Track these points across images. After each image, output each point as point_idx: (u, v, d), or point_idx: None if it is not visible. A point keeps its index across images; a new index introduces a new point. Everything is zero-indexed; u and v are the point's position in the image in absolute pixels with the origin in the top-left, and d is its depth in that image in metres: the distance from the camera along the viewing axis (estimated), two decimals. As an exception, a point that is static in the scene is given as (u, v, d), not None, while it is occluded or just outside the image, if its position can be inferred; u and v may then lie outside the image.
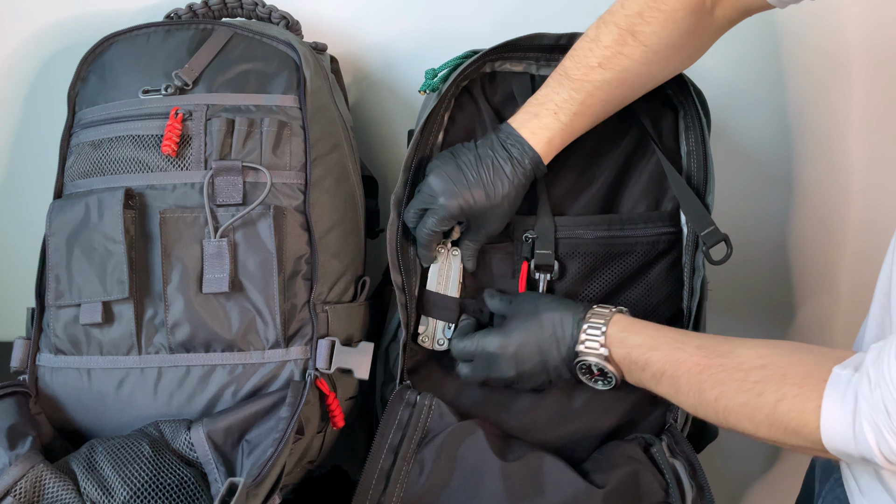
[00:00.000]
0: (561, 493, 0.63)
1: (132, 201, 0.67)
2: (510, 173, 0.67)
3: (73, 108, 0.74)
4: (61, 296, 0.67)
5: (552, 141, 0.67)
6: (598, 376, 0.66)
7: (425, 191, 0.68)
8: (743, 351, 0.57)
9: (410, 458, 0.65)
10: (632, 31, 0.64)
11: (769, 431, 0.53)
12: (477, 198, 0.67)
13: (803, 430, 0.51)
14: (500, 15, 0.88)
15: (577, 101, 0.66)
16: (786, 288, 0.99)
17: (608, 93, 0.67)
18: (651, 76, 0.68)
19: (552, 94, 0.67)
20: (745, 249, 0.96)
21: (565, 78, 0.67)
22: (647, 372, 0.62)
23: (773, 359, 0.55)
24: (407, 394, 0.68)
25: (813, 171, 0.94)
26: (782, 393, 0.52)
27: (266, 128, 0.69)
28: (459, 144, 0.70)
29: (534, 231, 0.72)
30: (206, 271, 0.66)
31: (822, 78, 0.90)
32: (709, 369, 0.57)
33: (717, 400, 0.56)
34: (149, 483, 0.59)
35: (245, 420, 0.63)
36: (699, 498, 0.63)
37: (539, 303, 0.68)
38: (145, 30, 0.73)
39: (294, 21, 0.82)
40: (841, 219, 0.95)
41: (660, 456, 0.66)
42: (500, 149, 0.67)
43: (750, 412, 0.54)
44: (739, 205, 0.92)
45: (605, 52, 0.65)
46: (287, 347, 0.67)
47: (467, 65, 0.72)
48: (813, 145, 0.93)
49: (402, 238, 0.70)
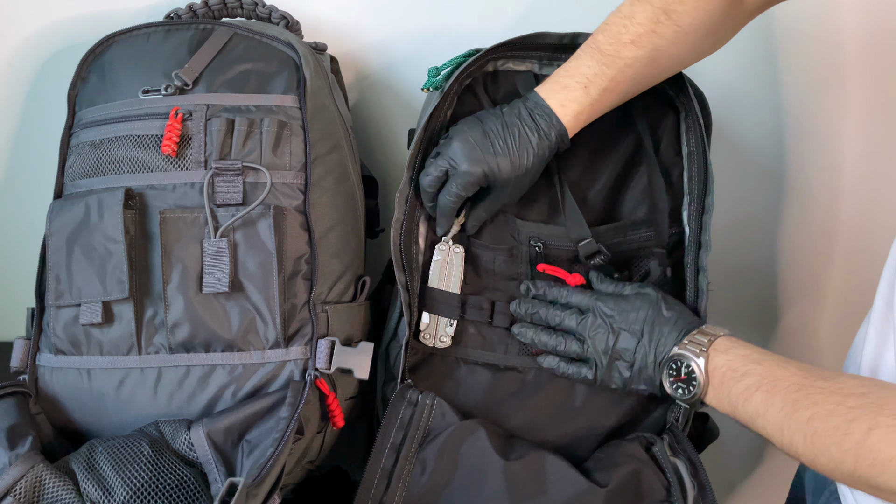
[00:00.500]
0: (563, 491, 0.63)
1: (132, 201, 0.67)
2: (536, 144, 0.66)
3: (73, 108, 0.74)
4: (61, 296, 0.67)
5: (580, 115, 0.67)
6: (682, 381, 0.64)
7: (449, 154, 0.67)
8: (845, 379, 0.55)
9: (412, 457, 0.65)
10: (666, 10, 0.64)
11: (855, 463, 0.51)
12: (502, 167, 0.66)
13: (891, 465, 0.49)
14: (502, 15, 0.88)
15: (608, 77, 0.66)
16: (774, 291, 0.99)
17: (638, 71, 0.66)
18: (680, 58, 0.68)
19: (583, 66, 0.66)
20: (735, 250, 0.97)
21: (597, 52, 0.66)
22: (741, 383, 0.60)
23: (875, 389, 0.53)
24: (409, 393, 0.68)
25: (807, 174, 0.94)
26: (876, 422, 0.50)
27: (266, 128, 0.69)
28: (485, 110, 0.70)
29: (539, 239, 0.72)
30: (206, 271, 0.66)
31: (818, 80, 0.90)
32: (806, 388, 0.55)
33: (810, 421, 0.54)
34: (149, 483, 0.59)
35: (245, 420, 0.63)
36: (701, 497, 0.63)
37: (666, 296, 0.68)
38: (145, 30, 0.73)
39: (294, 21, 0.82)
40: (833, 223, 0.95)
41: (661, 455, 0.66)
42: (528, 118, 0.67)
43: (840, 438, 0.51)
44: (732, 206, 0.92)
45: (638, 28, 0.65)
46: (287, 347, 0.67)
47: (470, 62, 0.72)
48: (808, 148, 0.93)
49: (406, 236, 0.70)
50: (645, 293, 0.68)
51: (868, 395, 0.52)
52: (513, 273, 0.73)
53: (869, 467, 0.50)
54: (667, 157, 0.75)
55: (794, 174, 0.94)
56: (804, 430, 0.54)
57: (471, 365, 0.72)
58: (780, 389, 0.57)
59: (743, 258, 0.97)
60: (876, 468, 0.49)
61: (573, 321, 0.69)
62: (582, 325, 0.68)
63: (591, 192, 0.75)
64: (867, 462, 0.50)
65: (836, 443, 0.52)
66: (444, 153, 0.68)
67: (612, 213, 0.75)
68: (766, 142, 0.93)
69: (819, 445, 0.53)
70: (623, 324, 0.67)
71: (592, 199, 0.75)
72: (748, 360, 0.61)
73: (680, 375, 0.64)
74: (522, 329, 0.71)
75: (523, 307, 0.71)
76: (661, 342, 0.65)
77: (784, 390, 0.57)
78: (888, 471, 0.49)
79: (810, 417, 0.54)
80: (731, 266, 0.97)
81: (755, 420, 0.59)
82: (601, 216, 0.75)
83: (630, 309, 0.67)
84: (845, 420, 0.52)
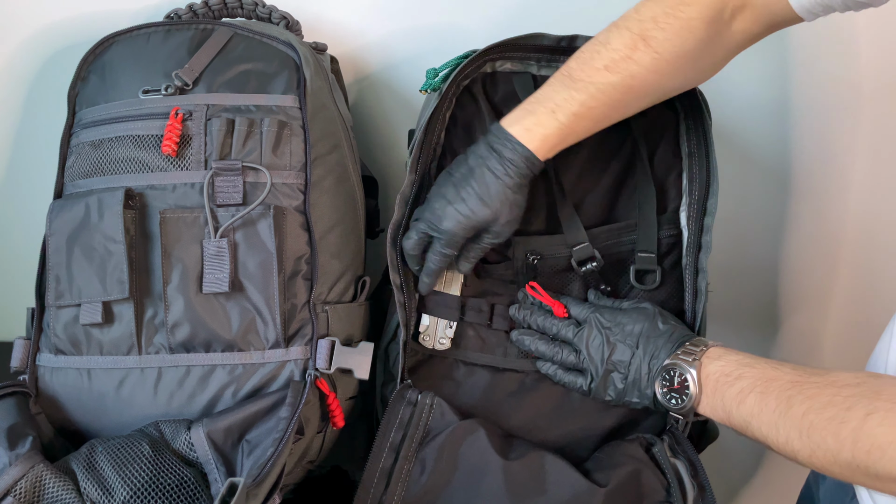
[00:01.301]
0: (563, 492, 0.63)
1: (132, 201, 0.67)
2: (502, 174, 0.65)
3: (73, 108, 0.74)
4: (61, 296, 0.67)
5: (547, 139, 0.65)
6: (675, 390, 0.64)
7: (426, 216, 0.67)
8: (839, 373, 0.55)
9: (412, 457, 0.65)
10: (644, 37, 0.63)
11: (852, 451, 0.50)
12: (476, 211, 0.65)
13: (890, 448, 0.48)
14: (502, 16, 0.88)
15: (578, 102, 0.64)
16: (779, 296, 0.99)
17: (612, 97, 0.65)
18: (660, 86, 0.66)
19: (552, 92, 0.65)
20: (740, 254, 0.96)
21: (567, 78, 0.65)
22: (734, 387, 0.60)
23: (871, 379, 0.52)
24: (408, 393, 0.68)
25: (814, 178, 0.93)
26: (874, 407, 0.49)
27: (266, 128, 0.69)
28: (457, 158, 0.69)
29: (536, 252, 0.72)
30: (206, 271, 0.66)
31: (827, 83, 0.89)
32: (800, 385, 0.55)
33: (805, 415, 0.53)
34: (149, 483, 0.59)
35: (245, 420, 0.63)
36: (700, 497, 0.63)
37: (662, 311, 0.69)
38: (145, 30, 0.73)
39: (294, 21, 0.82)
40: (840, 228, 0.95)
41: (661, 455, 0.66)
42: (489, 153, 0.66)
43: (836, 427, 0.51)
44: (738, 209, 0.92)
45: (613, 55, 0.63)
46: (287, 347, 0.67)
47: (467, 63, 0.72)
48: (814, 152, 0.92)
49: (402, 238, 0.70)
50: (643, 308, 0.69)
51: (864, 384, 0.52)
52: (513, 277, 0.73)
53: (867, 453, 0.49)
54: (665, 159, 0.75)
55: (802, 178, 0.94)
56: (800, 425, 0.54)
57: (470, 366, 0.72)
58: (773, 389, 0.57)
59: (748, 262, 0.97)
60: (874, 454, 0.49)
61: (570, 332, 0.69)
62: (579, 337, 0.69)
63: (589, 195, 0.75)
64: (865, 448, 0.49)
65: (833, 432, 0.51)
66: (422, 217, 0.68)
67: (609, 216, 0.75)
68: (774, 144, 0.93)
69: (815, 439, 0.53)
70: (619, 336, 0.67)
71: (590, 201, 0.75)
72: (741, 364, 0.61)
73: (673, 385, 0.64)
74: (521, 336, 0.71)
75: (522, 313, 0.72)
76: (655, 354, 0.65)
77: (778, 389, 0.57)
78: (887, 455, 0.48)
79: (805, 412, 0.54)
80: (736, 270, 0.96)
81: (750, 423, 0.59)
82: (598, 219, 0.75)
83: (627, 322, 0.67)
84: (841, 409, 0.51)
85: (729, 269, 0.94)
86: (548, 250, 0.73)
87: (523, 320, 0.72)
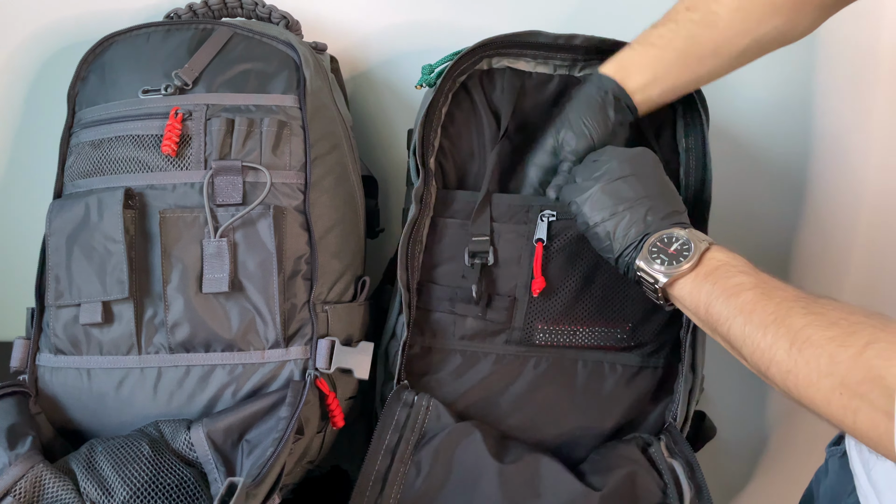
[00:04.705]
0: (558, 496, 0.63)
1: (132, 201, 0.67)
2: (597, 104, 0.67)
3: (73, 108, 0.74)
4: (61, 296, 0.67)
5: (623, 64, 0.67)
6: (667, 253, 0.60)
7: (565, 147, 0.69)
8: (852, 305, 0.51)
9: (407, 459, 0.65)
10: None
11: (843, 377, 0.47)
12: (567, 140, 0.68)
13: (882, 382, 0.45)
14: (502, 16, 0.88)
15: (656, 34, 0.67)
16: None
17: (692, 32, 0.66)
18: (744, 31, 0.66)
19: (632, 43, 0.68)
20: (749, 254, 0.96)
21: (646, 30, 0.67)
22: (735, 279, 0.56)
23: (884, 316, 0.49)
24: (404, 394, 0.68)
25: (827, 179, 0.93)
26: (876, 337, 0.46)
27: (266, 128, 0.69)
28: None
29: (552, 209, 0.72)
30: (205, 271, 0.66)
31: (842, 82, 0.89)
32: (807, 300, 0.52)
33: (804, 328, 0.50)
34: (149, 483, 0.59)
35: (245, 420, 0.63)
36: (697, 498, 0.63)
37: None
38: (145, 30, 0.73)
39: (294, 21, 0.82)
40: (852, 229, 0.94)
41: (658, 456, 0.66)
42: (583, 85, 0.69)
43: (834, 349, 0.48)
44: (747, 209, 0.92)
45: None
46: (287, 347, 0.67)
47: (460, 58, 0.72)
48: (827, 150, 0.92)
49: (415, 235, 0.70)
50: (648, 159, 0.67)
51: (874, 317, 0.49)
52: (516, 256, 0.72)
53: (857, 384, 0.46)
54: (664, 153, 0.75)
55: (815, 178, 0.93)
56: (793, 336, 0.50)
57: (469, 358, 0.72)
58: (777, 296, 0.54)
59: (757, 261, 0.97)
60: (864, 385, 0.46)
61: None
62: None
63: None
64: (857, 378, 0.46)
65: (829, 353, 0.48)
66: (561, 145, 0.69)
67: None
68: (785, 143, 0.92)
69: (807, 354, 0.49)
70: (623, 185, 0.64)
71: None
72: (750, 266, 0.58)
73: (669, 248, 0.60)
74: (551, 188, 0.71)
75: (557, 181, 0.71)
76: (658, 208, 0.63)
77: (781, 298, 0.53)
78: (875, 390, 0.45)
79: (805, 325, 0.50)
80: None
81: (732, 319, 0.55)
82: None
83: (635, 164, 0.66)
84: (844, 332, 0.48)
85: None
86: (563, 214, 0.72)
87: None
